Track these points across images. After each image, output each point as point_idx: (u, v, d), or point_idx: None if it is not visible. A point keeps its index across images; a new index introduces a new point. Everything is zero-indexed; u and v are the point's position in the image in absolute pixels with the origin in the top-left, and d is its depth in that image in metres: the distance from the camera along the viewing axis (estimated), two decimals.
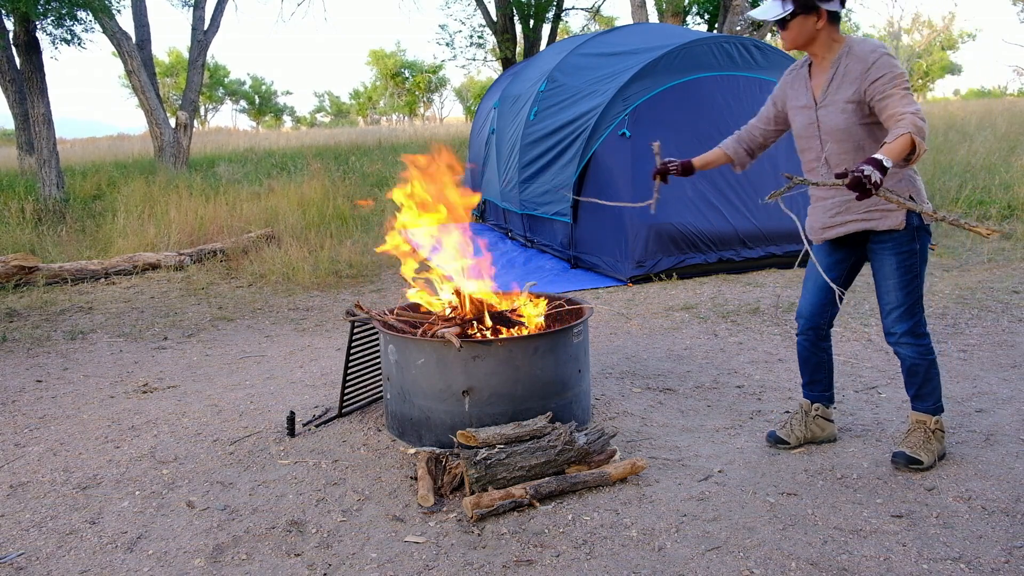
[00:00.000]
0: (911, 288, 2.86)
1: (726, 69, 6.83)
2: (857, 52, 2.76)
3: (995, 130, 13.51)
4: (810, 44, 2.84)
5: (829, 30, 2.81)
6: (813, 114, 2.90)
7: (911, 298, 2.86)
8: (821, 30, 2.80)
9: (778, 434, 3.22)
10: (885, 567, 2.35)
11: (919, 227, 2.84)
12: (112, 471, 3.19)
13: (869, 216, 2.86)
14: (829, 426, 3.24)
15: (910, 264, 2.85)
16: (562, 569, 2.39)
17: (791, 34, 2.82)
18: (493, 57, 21.52)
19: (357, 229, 8.84)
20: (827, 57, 2.85)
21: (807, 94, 2.92)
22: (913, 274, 2.85)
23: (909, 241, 2.83)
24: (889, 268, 2.87)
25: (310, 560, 2.50)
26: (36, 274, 6.77)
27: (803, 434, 3.20)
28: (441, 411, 3.17)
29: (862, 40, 2.79)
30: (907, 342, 2.90)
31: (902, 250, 2.84)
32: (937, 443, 2.97)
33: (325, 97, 65.91)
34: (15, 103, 13.14)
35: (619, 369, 4.29)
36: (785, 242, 6.59)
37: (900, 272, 2.86)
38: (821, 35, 2.81)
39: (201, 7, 14.65)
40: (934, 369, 2.95)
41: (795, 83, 3.00)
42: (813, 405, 3.23)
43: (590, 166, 6.80)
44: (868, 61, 2.72)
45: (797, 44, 2.86)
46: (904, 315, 2.88)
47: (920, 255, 2.86)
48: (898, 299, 2.87)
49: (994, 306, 5.19)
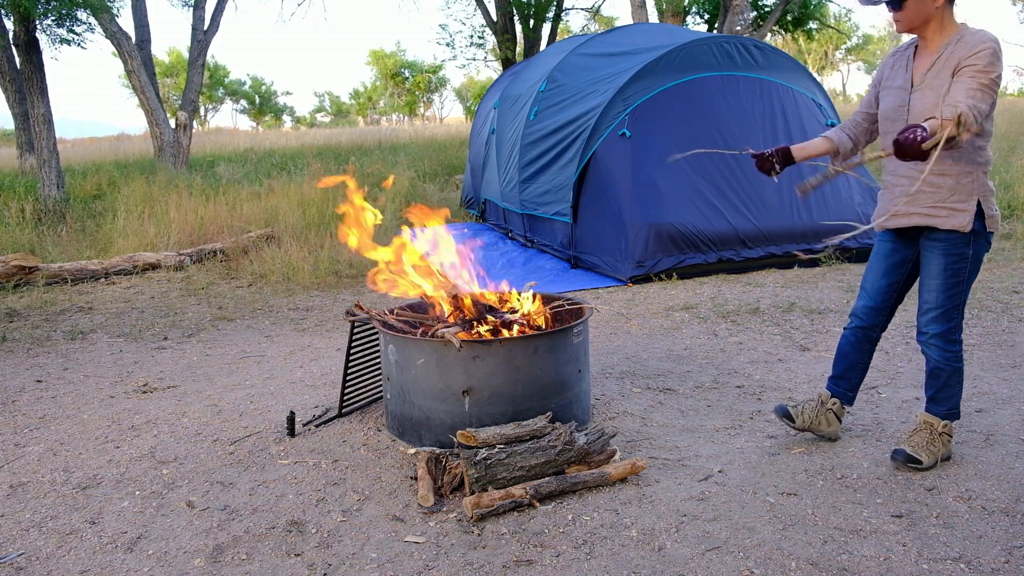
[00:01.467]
0: (953, 292, 2.80)
1: (726, 69, 6.83)
2: (968, 40, 2.65)
3: (995, 130, 13.49)
4: (924, 26, 2.74)
5: (945, 12, 2.71)
6: (906, 96, 2.80)
7: (951, 302, 2.81)
8: (939, 10, 2.70)
9: (788, 408, 3.19)
10: (885, 567, 2.34)
11: (977, 232, 2.76)
12: (112, 471, 3.19)
13: (935, 212, 2.77)
14: (836, 424, 3.22)
15: (958, 268, 2.78)
16: (562, 569, 2.39)
17: (907, 14, 2.71)
18: (493, 57, 21.52)
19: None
20: (937, 41, 2.74)
21: (906, 75, 2.83)
22: (959, 279, 2.79)
23: (963, 245, 2.76)
24: (936, 267, 2.81)
25: (310, 560, 2.50)
26: (36, 274, 6.77)
27: (810, 419, 3.17)
28: (441, 411, 3.17)
29: (978, 30, 2.68)
30: (936, 344, 2.86)
31: (954, 252, 2.77)
32: (942, 446, 2.95)
33: (325, 97, 65.96)
34: (15, 103, 13.13)
35: (619, 369, 4.29)
36: (785, 242, 6.58)
37: (947, 274, 2.79)
38: (936, 17, 2.71)
39: (201, 7, 14.65)
40: (957, 377, 2.91)
41: (896, 63, 2.90)
42: (832, 399, 3.20)
43: (590, 166, 6.80)
44: (974, 49, 2.61)
45: (913, 25, 2.75)
46: (940, 317, 2.83)
47: (971, 261, 2.78)
48: (937, 300, 2.82)
49: (994, 306, 5.19)
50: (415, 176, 12.45)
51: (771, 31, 18.72)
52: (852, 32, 43.39)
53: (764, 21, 17.67)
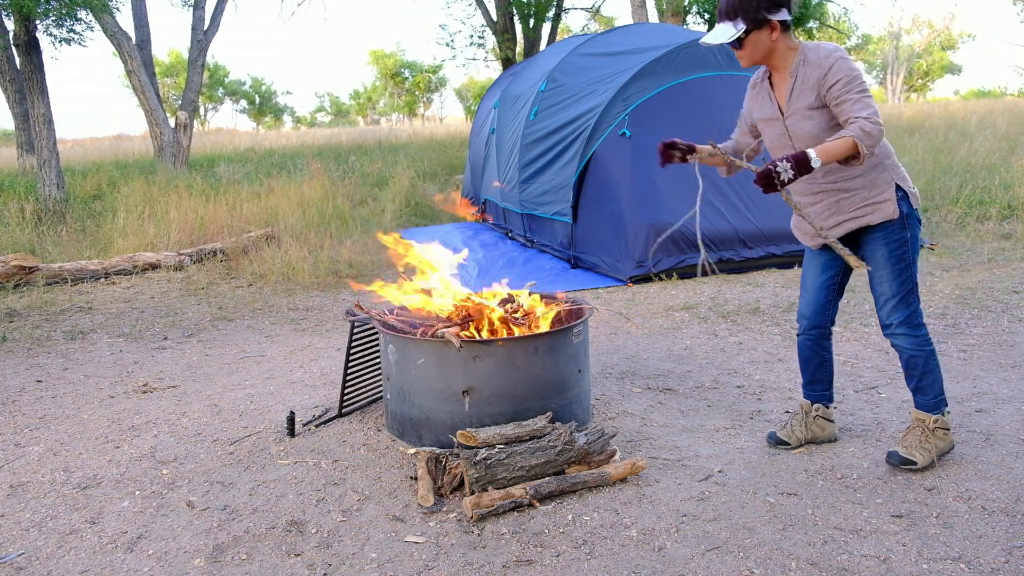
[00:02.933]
0: (904, 277, 2.85)
1: (726, 69, 6.83)
2: (812, 59, 2.77)
3: (995, 130, 13.51)
4: (768, 57, 2.86)
5: (784, 40, 2.83)
6: (782, 124, 2.91)
7: (905, 287, 2.86)
8: (776, 41, 2.81)
9: (778, 435, 3.21)
10: (885, 567, 2.35)
11: (908, 215, 2.84)
12: (112, 471, 3.19)
13: (859, 213, 2.86)
14: (829, 426, 3.23)
15: (901, 253, 2.84)
16: (562, 569, 2.39)
17: (748, 52, 2.85)
18: (493, 57, 21.52)
19: (357, 229, 8.83)
20: (786, 67, 2.85)
21: (772, 105, 2.93)
22: (905, 263, 2.85)
23: (900, 230, 2.83)
24: (881, 258, 2.86)
25: (310, 560, 2.50)
26: (36, 274, 6.77)
27: (803, 434, 3.20)
28: (441, 411, 3.17)
29: (816, 46, 2.80)
30: (903, 332, 2.89)
31: (893, 239, 2.84)
32: (938, 442, 2.95)
33: (325, 97, 66.00)
34: (15, 103, 13.13)
35: (619, 369, 4.29)
36: (785, 242, 6.58)
37: (892, 261, 2.85)
38: (777, 46, 2.82)
39: (201, 7, 14.65)
40: (933, 360, 2.93)
41: (759, 96, 3.01)
42: (814, 405, 3.22)
43: (590, 166, 6.80)
44: (824, 67, 2.73)
45: (755, 60, 2.88)
46: (899, 305, 2.87)
47: (911, 243, 2.85)
48: (892, 289, 2.87)
49: (994, 306, 5.19)
50: (415, 176, 12.44)
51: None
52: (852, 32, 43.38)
53: None
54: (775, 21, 2.78)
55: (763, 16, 2.76)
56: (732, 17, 2.80)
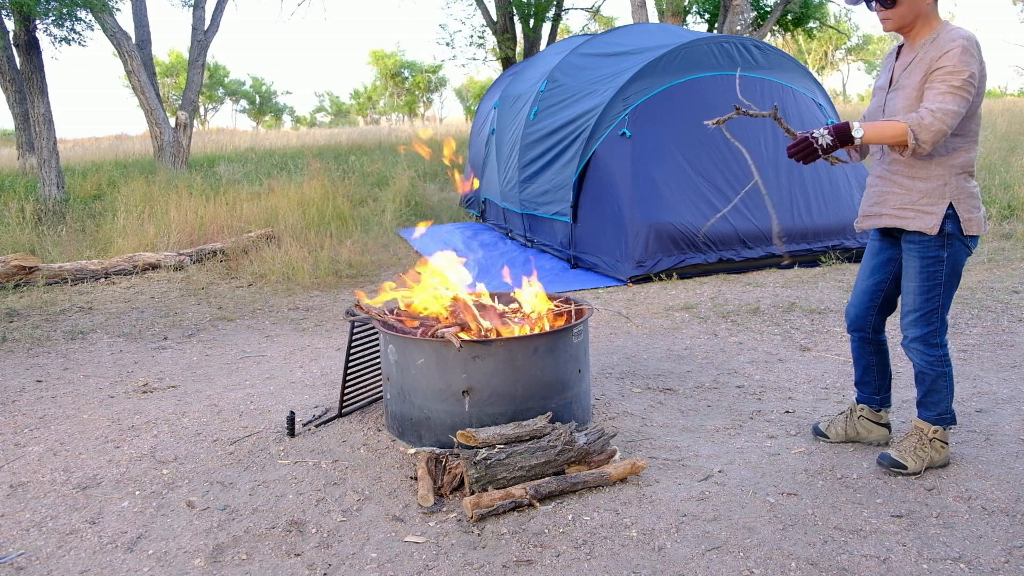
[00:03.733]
0: (930, 295, 2.79)
1: (726, 69, 6.83)
2: (941, 39, 2.65)
3: (995, 130, 13.50)
4: (912, 24, 2.72)
5: (932, 10, 2.71)
6: (884, 96, 2.83)
7: (929, 305, 2.80)
8: (930, 7, 2.69)
9: (820, 427, 3.24)
10: (885, 567, 2.35)
11: (952, 236, 2.74)
12: (112, 471, 3.19)
13: (901, 213, 2.79)
14: (877, 429, 3.17)
15: (934, 271, 2.77)
16: (562, 569, 2.39)
17: (899, 11, 2.68)
18: (493, 57, 21.51)
19: (357, 229, 8.83)
20: (918, 40, 2.74)
21: (886, 75, 2.86)
22: (935, 282, 2.78)
23: (937, 248, 2.75)
24: (913, 270, 2.81)
25: (310, 560, 2.50)
26: (36, 274, 6.77)
27: (843, 431, 3.19)
28: (441, 411, 3.16)
29: (952, 28, 2.67)
30: (917, 348, 2.86)
31: (928, 255, 2.77)
32: (934, 452, 2.91)
33: (325, 97, 65.94)
34: (15, 103, 13.14)
35: (619, 369, 4.29)
36: (785, 242, 6.58)
37: (922, 277, 2.79)
38: (927, 15, 2.70)
39: (201, 7, 14.65)
40: (943, 381, 2.88)
41: (885, 65, 2.94)
42: (859, 406, 3.20)
43: (590, 166, 6.80)
44: (944, 48, 2.61)
45: (904, 23, 2.73)
46: (919, 320, 2.83)
47: (948, 264, 2.76)
48: (915, 303, 2.82)
49: (994, 306, 5.19)
50: (415, 176, 12.44)
51: (771, 31, 18.72)
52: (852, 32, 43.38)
53: (764, 21, 17.67)
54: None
55: None
56: None
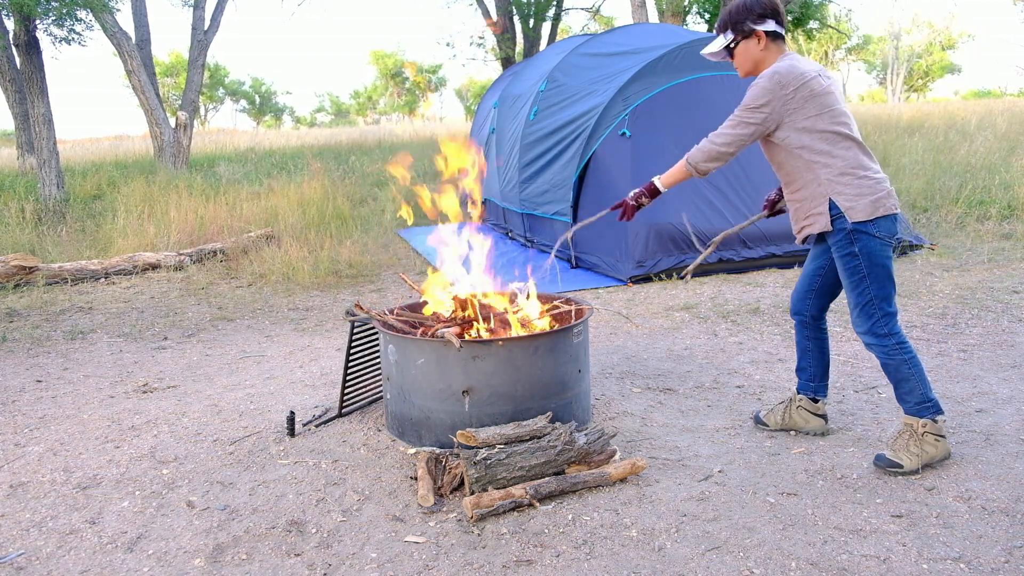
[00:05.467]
0: (860, 289, 2.89)
1: (726, 69, 6.82)
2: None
3: (995, 130, 13.50)
4: (758, 67, 2.93)
5: (773, 50, 2.90)
6: None
7: (862, 298, 2.90)
8: (764, 52, 2.89)
9: (760, 415, 3.41)
10: (885, 567, 2.35)
11: (855, 230, 2.83)
12: (112, 471, 3.19)
13: (808, 222, 2.96)
14: (815, 420, 3.29)
15: (853, 266, 2.88)
16: (562, 569, 2.39)
17: (738, 61, 2.96)
18: (493, 57, 21.51)
19: (357, 229, 8.84)
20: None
21: None
22: (859, 275, 2.88)
23: (847, 244, 2.87)
24: (840, 269, 2.95)
25: (310, 560, 2.50)
26: (36, 274, 6.77)
27: (781, 420, 3.33)
28: (441, 411, 3.17)
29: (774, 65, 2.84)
30: (869, 341, 2.95)
31: (843, 252, 2.90)
32: (928, 448, 2.91)
33: (325, 97, 65.96)
34: (15, 103, 13.13)
35: (619, 369, 4.29)
36: (785, 242, 6.58)
37: (847, 273, 2.91)
38: (766, 57, 2.90)
39: (201, 7, 14.65)
40: (906, 368, 2.91)
41: None
42: (798, 396, 3.32)
43: (590, 166, 6.80)
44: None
45: (746, 69, 2.97)
46: (860, 316, 2.93)
47: (863, 256, 2.85)
48: (851, 299, 2.95)
49: (994, 306, 5.19)
50: (415, 176, 12.44)
51: None
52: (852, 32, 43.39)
53: None
54: (760, 31, 2.86)
55: (749, 27, 2.87)
56: (723, 29, 2.93)
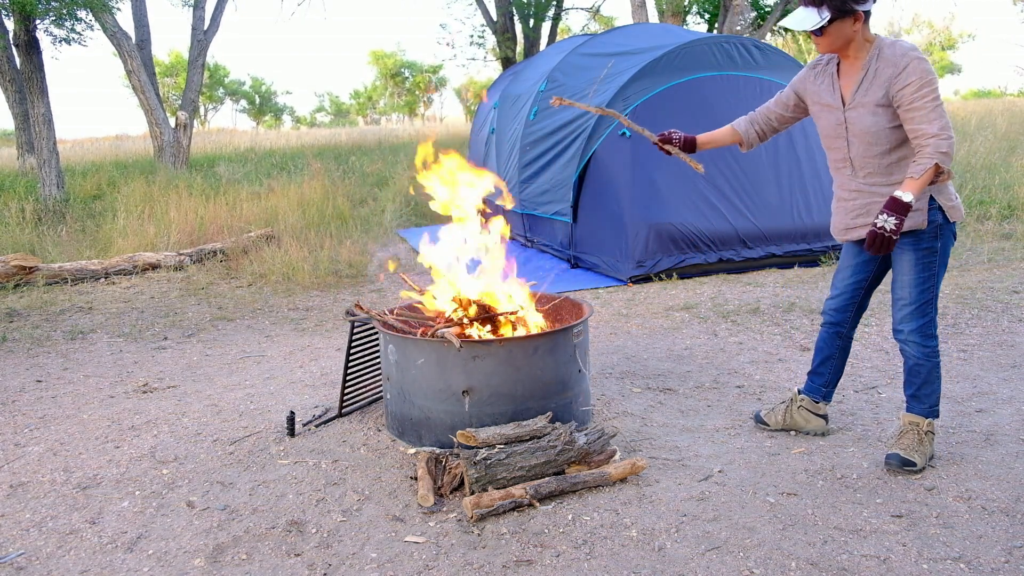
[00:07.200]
0: (926, 286, 2.85)
1: (726, 69, 6.83)
2: (887, 55, 2.73)
3: (995, 130, 13.50)
4: (846, 47, 2.81)
5: (863, 31, 2.78)
6: (841, 115, 2.89)
7: (924, 296, 2.86)
8: (857, 32, 2.77)
9: (761, 414, 3.40)
10: (885, 567, 2.35)
11: (942, 225, 2.82)
12: (112, 471, 3.19)
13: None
14: (815, 420, 3.29)
15: (928, 262, 2.84)
16: (562, 569, 2.39)
17: (828, 39, 2.79)
18: (493, 57, 21.51)
19: (357, 229, 8.84)
20: (859, 58, 2.82)
21: (834, 94, 2.91)
22: (930, 272, 2.84)
23: (931, 239, 2.82)
24: (907, 264, 2.86)
25: (310, 560, 2.50)
26: (36, 274, 6.77)
27: (782, 419, 3.33)
28: (441, 411, 3.16)
29: (893, 42, 2.76)
30: (914, 341, 2.90)
31: (922, 247, 2.83)
32: (929, 445, 2.96)
33: (325, 97, 65.95)
34: (15, 103, 13.13)
35: (619, 369, 4.29)
36: (785, 242, 6.59)
37: (917, 269, 2.85)
38: (857, 37, 2.78)
39: (201, 7, 14.64)
40: (936, 372, 2.94)
41: (821, 80, 2.98)
42: (800, 396, 3.31)
43: (590, 166, 6.80)
44: (899, 66, 2.69)
45: (834, 48, 2.83)
46: (915, 313, 2.87)
47: (940, 254, 2.84)
48: (911, 296, 2.87)
49: (994, 306, 5.19)
50: (416, 176, 12.44)
51: (771, 31, 18.70)
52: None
53: (764, 21, 17.66)
54: (860, 11, 2.73)
55: (850, 6, 2.71)
56: (818, 4, 2.73)
